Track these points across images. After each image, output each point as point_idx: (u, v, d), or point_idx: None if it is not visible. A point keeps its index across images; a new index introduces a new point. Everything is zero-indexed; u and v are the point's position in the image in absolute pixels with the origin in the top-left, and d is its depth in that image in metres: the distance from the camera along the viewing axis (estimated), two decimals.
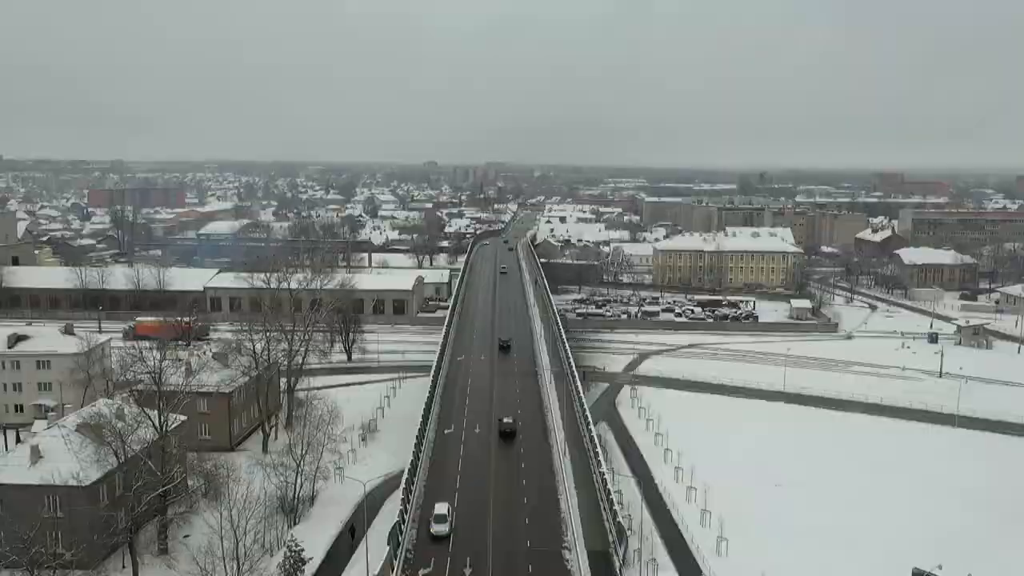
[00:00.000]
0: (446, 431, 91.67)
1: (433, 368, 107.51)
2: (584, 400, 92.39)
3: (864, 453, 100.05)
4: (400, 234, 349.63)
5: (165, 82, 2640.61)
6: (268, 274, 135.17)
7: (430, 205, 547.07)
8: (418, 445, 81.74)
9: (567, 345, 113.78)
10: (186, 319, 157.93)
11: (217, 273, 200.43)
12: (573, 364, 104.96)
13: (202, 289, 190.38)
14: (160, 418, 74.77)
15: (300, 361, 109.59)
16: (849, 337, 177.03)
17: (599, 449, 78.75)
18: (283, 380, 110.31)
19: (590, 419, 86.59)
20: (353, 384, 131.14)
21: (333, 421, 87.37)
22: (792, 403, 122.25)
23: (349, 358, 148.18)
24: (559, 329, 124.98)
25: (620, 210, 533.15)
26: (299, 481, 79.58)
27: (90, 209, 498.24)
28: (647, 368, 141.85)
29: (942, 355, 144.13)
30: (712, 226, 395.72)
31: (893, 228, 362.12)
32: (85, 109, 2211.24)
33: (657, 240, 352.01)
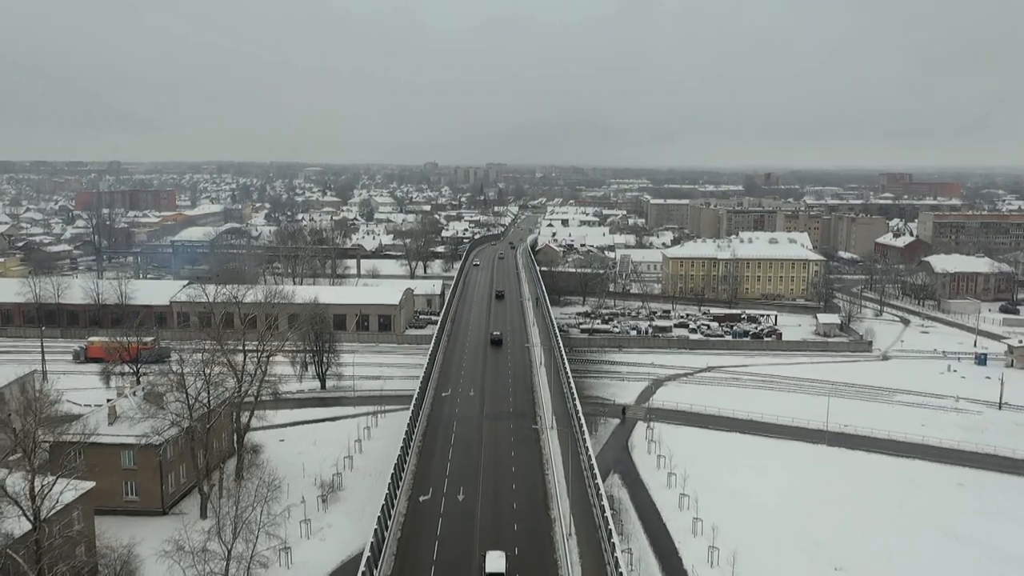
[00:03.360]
0: (421, 498, 73.63)
1: (411, 411, 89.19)
2: (595, 464, 73.53)
3: (937, 518, 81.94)
4: (394, 239, 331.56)
5: (164, 83, 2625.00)
6: (218, 288, 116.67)
7: (428, 207, 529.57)
8: (382, 521, 63.78)
9: (572, 383, 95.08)
10: (143, 339, 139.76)
11: (186, 285, 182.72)
12: (579, 410, 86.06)
13: (168, 303, 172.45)
14: (33, 503, 56.55)
15: (254, 398, 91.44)
16: (885, 358, 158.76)
17: (615, 536, 60.45)
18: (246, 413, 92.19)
19: (603, 490, 68.14)
20: (323, 420, 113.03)
21: (274, 494, 68.87)
22: (836, 445, 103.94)
23: (323, 386, 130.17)
24: (562, 359, 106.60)
25: (624, 212, 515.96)
26: (228, 573, 61.54)
27: (76, 212, 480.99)
28: (663, 398, 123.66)
29: (1002, 383, 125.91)
30: (721, 229, 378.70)
31: (910, 231, 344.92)
32: (84, 110, 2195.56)
33: (664, 244, 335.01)
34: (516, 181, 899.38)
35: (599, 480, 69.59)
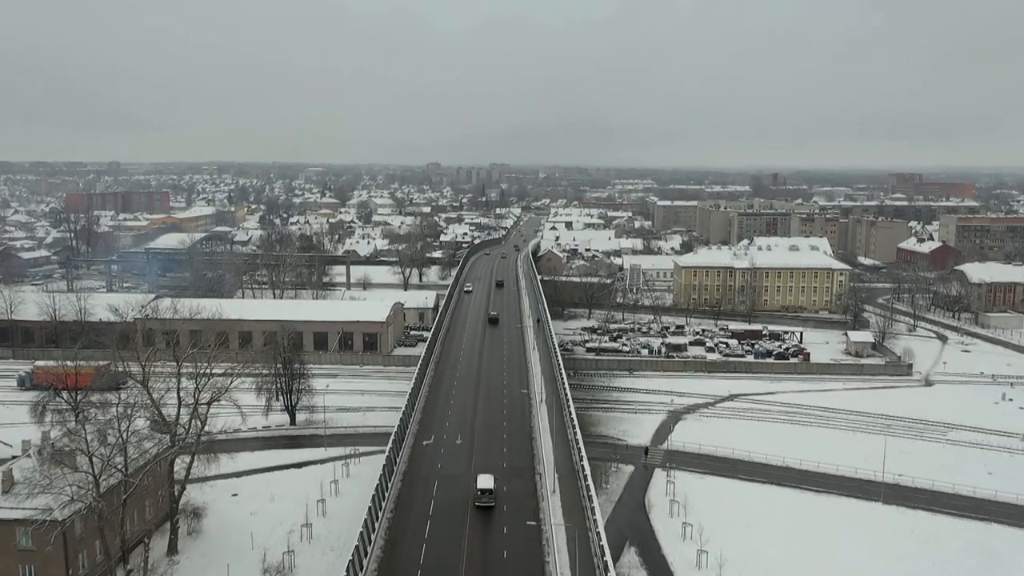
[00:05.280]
0: None
1: (380, 472, 72.31)
2: (609, 560, 56.36)
3: None
4: (390, 243, 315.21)
5: (165, 83, 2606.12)
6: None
7: (428, 209, 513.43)
8: None
9: (580, 443, 77.10)
10: (86, 363, 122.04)
11: (153, 299, 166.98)
12: (590, 482, 68.12)
13: (132, 320, 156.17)
14: None
15: (193, 449, 75.08)
16: (928, 383, 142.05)
17: None
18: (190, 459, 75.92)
19: None
20: (288, 467, 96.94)
21: None
22: (893, 502, 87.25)
23: (292, 421, 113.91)
24: (568, 408, 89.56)
25: (630, 214, 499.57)
26: None
27: (65, 214, 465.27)
28: (683, 437, 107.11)
29: None
30: (732, 233, 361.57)
31: (931, 236, 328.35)
32: (84, 110, 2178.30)
33: (673, 249, 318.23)
34: (519, 182, 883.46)
35: None
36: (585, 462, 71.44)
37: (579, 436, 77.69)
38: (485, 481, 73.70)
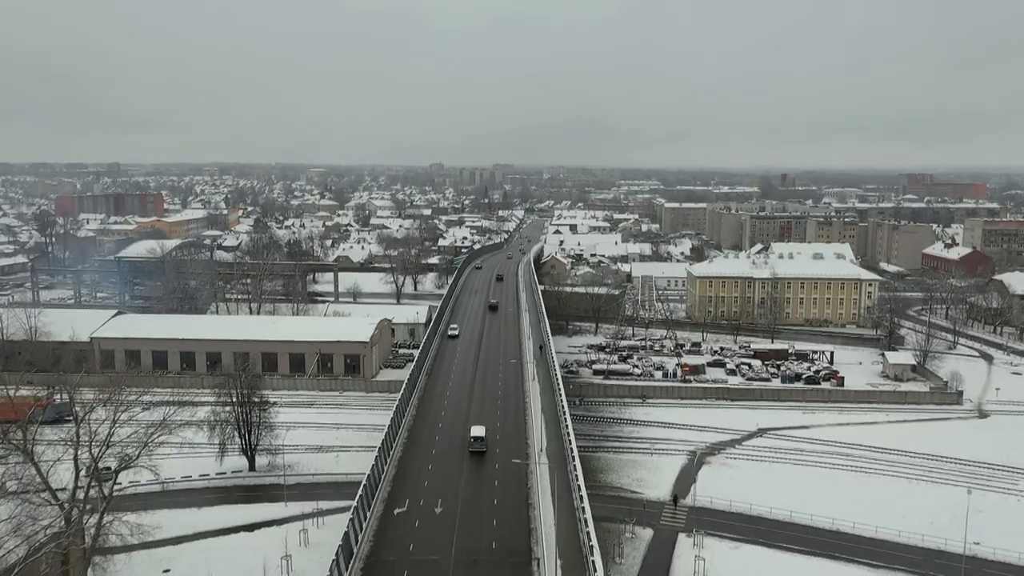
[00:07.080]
0: None
1: (333, 561, 55.80)
2: None
3: None
4: (386, 248, 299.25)
5: (167, 84, 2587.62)
6: None
7: (428, 211, 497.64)
8: None
9: (588, 516, 59.93)
10: (39, 392, 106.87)
11: (114, 315, 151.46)
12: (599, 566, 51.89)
13: (88, 339, 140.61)
14: None
15: (96, 527, 59.28)
16: (982, 413, 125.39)
17: None
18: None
19: None
20: (237, 529, 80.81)
21: None
22: None
23: (251, 466, 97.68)
24: (572, 457, 73.23)
25: (636, 216, 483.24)
26: None
27: (54, 217, 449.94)
28: (709, 488, 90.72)
29: None
30: (744, 237, 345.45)
31: (953, 240, 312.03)
32: (87, 112, 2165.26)
33: (683, 254, 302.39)
34: (523, 183, 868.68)
35: None
36: (597, 557, 54.84)
37: (589, 515, 61.04)
38: (478, 431, 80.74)
